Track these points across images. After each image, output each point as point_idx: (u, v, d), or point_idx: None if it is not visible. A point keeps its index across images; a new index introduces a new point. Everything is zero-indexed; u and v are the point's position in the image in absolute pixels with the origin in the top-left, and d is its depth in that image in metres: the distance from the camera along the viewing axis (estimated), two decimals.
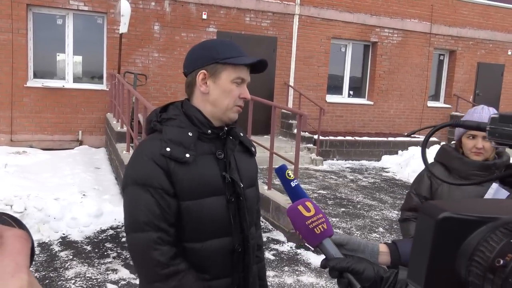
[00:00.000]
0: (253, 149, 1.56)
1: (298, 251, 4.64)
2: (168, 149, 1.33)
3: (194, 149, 1.35)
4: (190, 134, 1.36)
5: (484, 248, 0.46)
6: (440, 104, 12.71)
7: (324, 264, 0.91)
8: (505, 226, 0.47)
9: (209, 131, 1.39)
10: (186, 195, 1.34)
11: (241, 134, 1.52)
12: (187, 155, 1.33)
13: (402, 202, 2.30)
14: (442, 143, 2.74)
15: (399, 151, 10.18)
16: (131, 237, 1.33)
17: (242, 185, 1.43)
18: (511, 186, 0.50)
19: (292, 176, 1.04)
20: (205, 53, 1.38)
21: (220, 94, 1.38)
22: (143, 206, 1.31)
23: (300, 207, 0.94)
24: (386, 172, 9.13)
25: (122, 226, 4.27)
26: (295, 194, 1.02)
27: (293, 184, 1.03)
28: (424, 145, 0.58)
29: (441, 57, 12.67)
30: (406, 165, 8.83)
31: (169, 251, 1.30)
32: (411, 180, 2.34)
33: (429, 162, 0.71)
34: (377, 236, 5.29)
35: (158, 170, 1.32)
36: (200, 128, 1.38)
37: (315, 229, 0.92)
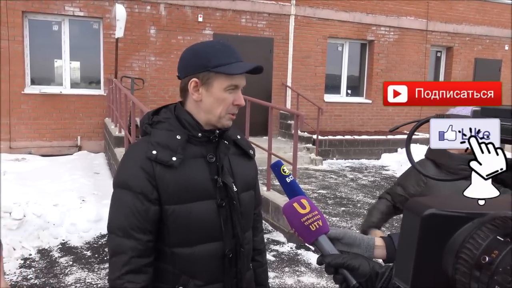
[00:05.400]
0: (251, 152, 1.53)
1: (299, 251, 4.62)
2: (154, 152, 1.31)
3: (181, 153, 1.33)
4: (178, 137, 1.34)
5: (470, 245, 0.45)
6: None
7: (319, 261, 0.91)
8: (492, 222, 0.46)
9: (199, 134, 1.37)
10: (172, 199, 1.32)
11: (238, 137, 1.49)
12: (174, 159, 1.31)
13: None
14: None
15: (399, 149, 10.15)
16: (108, 235, 1.38)
17: (236, 189, 1.40)
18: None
19: (287, 172, 1.06)
20: (196, 60, 1.35)
21: (213, 103, 1.34)
22: (121, 213, 1.32)
23: (296, 205, 0.95)
24: (386, 170, 9.12)
25: None
26: (291, 189, 1.04)
27: (288, 179, 1.05)
28: (408, 140, 0.57)
29: (438, 54, 12.66)
30: (406, 163, 8.80)
31: (131, 263, 1.29)
32: None
33: (417, 159, 0.70)
34: None
35: (141, 173, 1.31)
36: (190, 131, 1.36)
37: (310, 226, 0.93)
